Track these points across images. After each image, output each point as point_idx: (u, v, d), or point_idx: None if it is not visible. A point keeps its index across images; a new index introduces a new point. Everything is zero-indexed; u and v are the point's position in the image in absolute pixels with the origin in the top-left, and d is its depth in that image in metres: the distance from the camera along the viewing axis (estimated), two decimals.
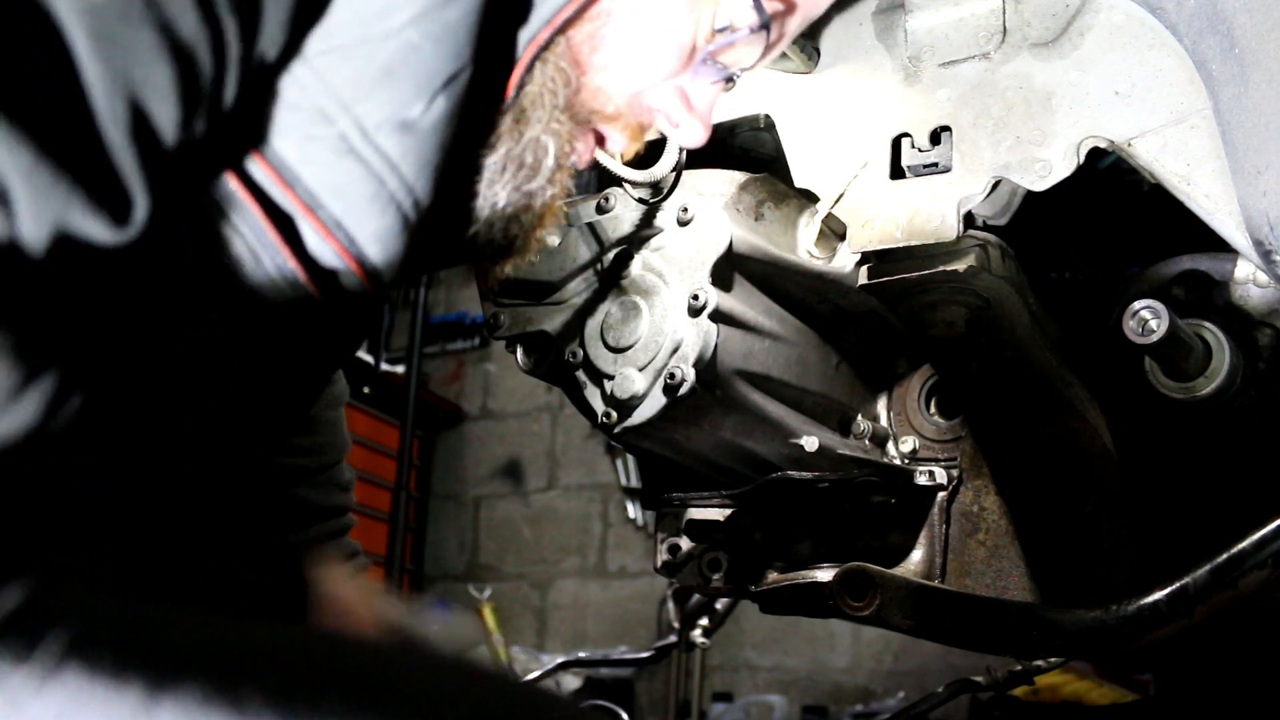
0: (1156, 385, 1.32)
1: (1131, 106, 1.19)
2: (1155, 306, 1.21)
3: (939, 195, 1.26)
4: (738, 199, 1.41)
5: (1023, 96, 1.24)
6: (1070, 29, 1.23)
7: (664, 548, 1.56)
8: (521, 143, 0.91)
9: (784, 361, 1.44)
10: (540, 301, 1.44)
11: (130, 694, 0.55)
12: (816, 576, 1.45)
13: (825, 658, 4.43)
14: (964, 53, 1.28)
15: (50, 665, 0.55)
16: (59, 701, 0.54)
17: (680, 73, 0.99)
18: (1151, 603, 1.22)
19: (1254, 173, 1.09)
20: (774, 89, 1.39)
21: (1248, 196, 1.10)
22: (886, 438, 1.54)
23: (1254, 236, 1.11)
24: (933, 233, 1.25)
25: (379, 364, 4.87)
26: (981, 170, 1.25)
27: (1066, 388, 1.41)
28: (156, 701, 0.55)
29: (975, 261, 1.27)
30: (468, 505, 5.26)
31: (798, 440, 1.41)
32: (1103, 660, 2.31)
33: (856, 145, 1.33)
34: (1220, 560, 1.19)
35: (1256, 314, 1.34)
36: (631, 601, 4.80)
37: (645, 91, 0.98)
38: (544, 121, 0.92)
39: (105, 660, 0.55)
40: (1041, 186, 1.22)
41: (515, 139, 0.91)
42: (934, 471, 1.47)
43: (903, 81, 1.32)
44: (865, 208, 1.30)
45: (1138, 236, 1.52)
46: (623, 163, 1.12)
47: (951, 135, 1.27)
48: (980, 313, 1.34)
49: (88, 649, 0.55)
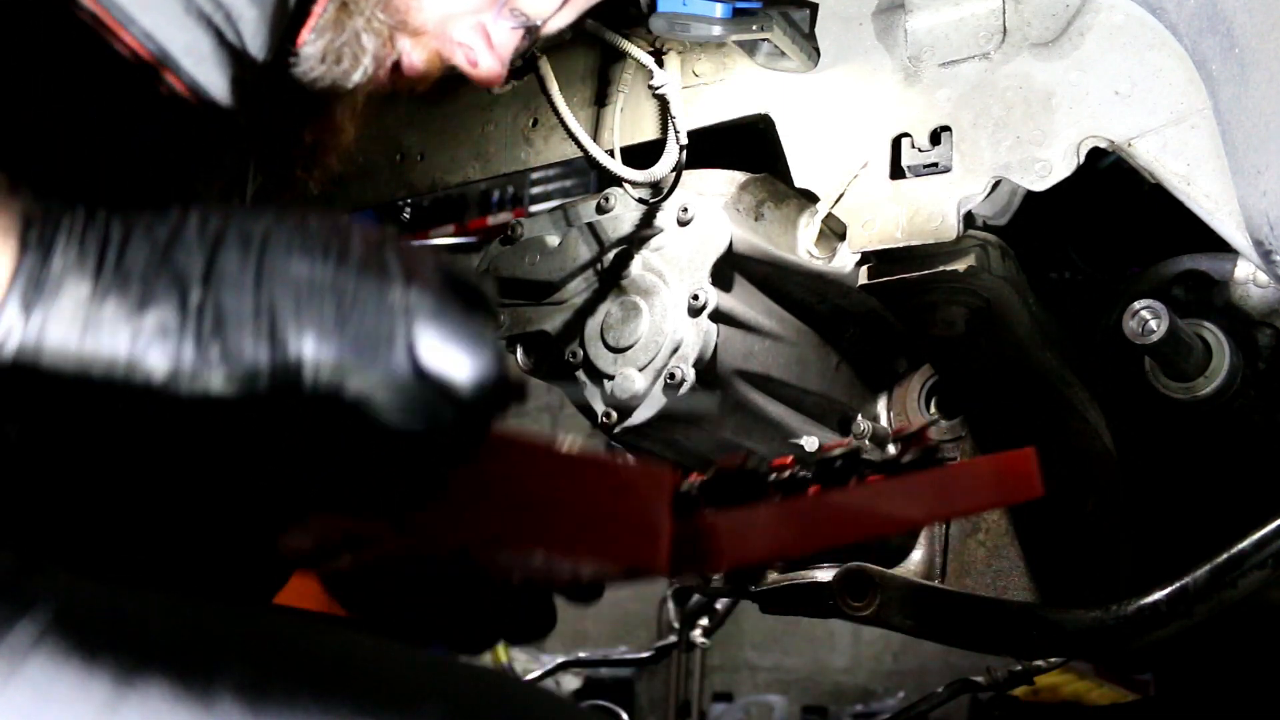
0: (1156, 385, 1.32)
1: (1131, 106, 1.19)
2: (1155, 306, 1.21)
3: (939, 195, 1.26)
4: (738, 199, 1.41)
5: (1023, 96, 1.24)
6: (1070, 29, 1.23)
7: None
8: (344, 34, 0.93)
9: (784, 361, 1.44)
10: (540, 301, 1.44)
11: (96, 691, 0.54)
12: (816, 576, 1.45)
13: (825, 658, 4.43)
14: (964, 53, 1.28)
15: (16, 660, 0.54)
16: (22, 699, 0.54)
17: (486, 10, 1.02)
18: (1151, 603, 1.22)
19: (1254, 172, 1.09)
20: (774, 89, 1.39)
21: (1248, 196, 1.10)
22: (887, 438, 1.54)
23: (1254, 236, 1.11)
24: (933, 233, 1.25)
25: None
26: (981, 170, 1.25)
27: (1066, 388, 1.41)
28: (123, 698, 0.54)
29: (975, 261, 1.27)
30: None
31: (798, 440, 1.41)
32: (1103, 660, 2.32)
33: (856, 145, 1.33)
34: (1220, 560, 1.19)
35: (1256, 314, 1.34)
36: (631, 601, 4.80)
37: (452, 20, 1.01)
38: (365, 16, 0.93)
39: (73, 654, 0.55)
40: (1041, 186, 1.22)
41: (338, 30, 0.93)
42: None
43: (903, 81, 1.31)
44: (865, 208, 1.30)
45: (1138, 236, 1.52)
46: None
47: (951, 135, 1.27)
48: (980, 313, 1.33)
49: (55, 641, 0.55)
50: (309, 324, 0.57)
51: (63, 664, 0.54)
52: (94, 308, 0.55)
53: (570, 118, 1.38)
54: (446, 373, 0.59)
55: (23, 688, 0.54)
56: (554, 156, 1.55)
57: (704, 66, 1.44)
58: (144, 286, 0.56)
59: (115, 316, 0.55)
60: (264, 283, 0.57)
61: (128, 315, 0.55)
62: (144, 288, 0.56)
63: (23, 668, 0.54)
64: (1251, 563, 1.18)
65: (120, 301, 0.56)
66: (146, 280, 0.56)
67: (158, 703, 0.54)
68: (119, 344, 0.55)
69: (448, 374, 0.59)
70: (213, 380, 0.56)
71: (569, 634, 4.92)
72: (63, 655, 0.55)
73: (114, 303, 0.56)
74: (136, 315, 0.56)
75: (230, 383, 0.56)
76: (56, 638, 0.55)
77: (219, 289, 0.57)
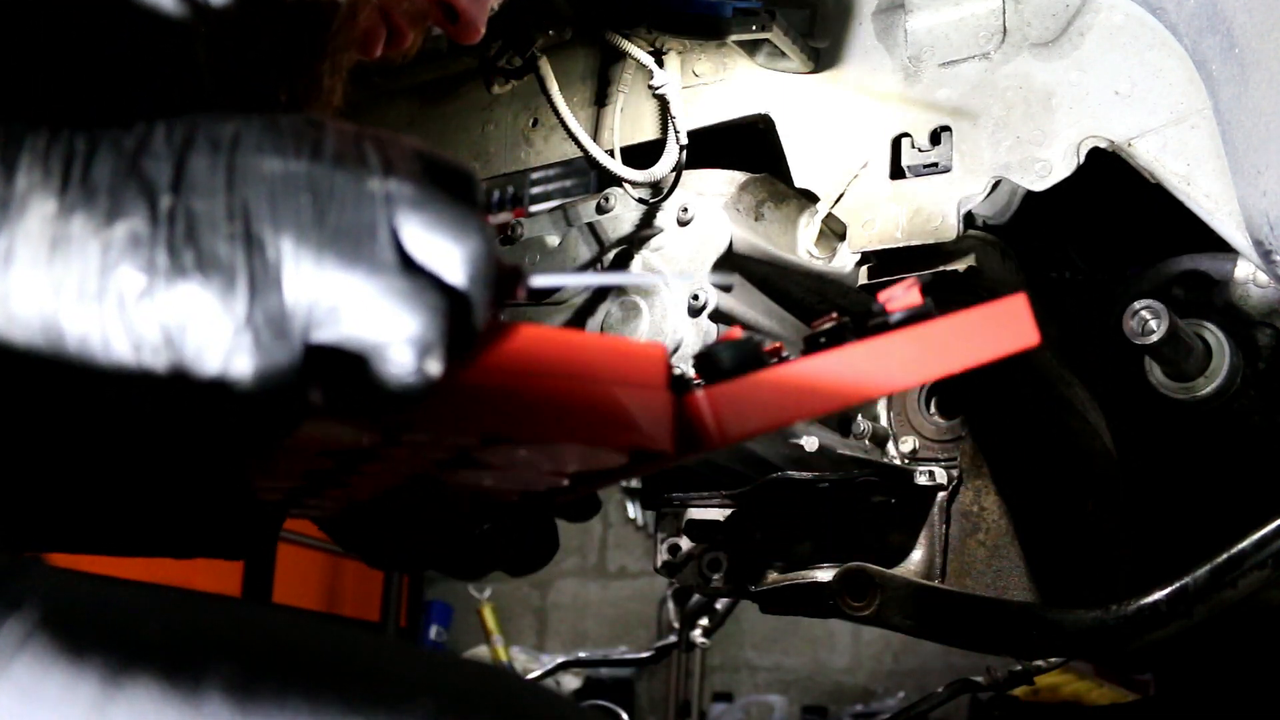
0: (1156, 385, 1.32)
1: (1131, 106, 1.19)
2: (1155, 306, 1.21)
3: (939, 195, 1.26)
4: (738, 199, 1.41)
5: (1023, 96, 1.24)
6: (1070, 29, 1.23)
7: (664, 548, 1.56)
8: None
9: None
10: (540, 302, 1.44)
11: (84, 692, 0.54)
12: (816, 576, 1.45)
13: (825, 658, 4.43)
14: (964, 53, 1.28)
15: (2, 661, 0.54)
16: (9, 700, 0.53)
17: None
18: (1151, 603, 1.22)
19: (1254, 172, 1.09)
20: (773, 89, 1.39)
21: (1247, 196, 1.10)
22: (886, 438, 1.54)
23: (1254, 236, 1.11)
24: (933, 233, 1.25)
25: None
26: (981, 170, 1.25)
27: (1066, 388, 1.41)
28: (111, 699, 0.54)
29: (975, 261, 1.27)
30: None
31: (798, 440, 1.41)
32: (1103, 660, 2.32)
33: (856, 145, 1.33)
34: (1220, 560, 1.19)
35: (1256, 314, 1.34)
36: (631, 601, 4.80)
37: None
38: None
39: (61, 654, 0.54)
40: (1041, 186, 1.22)
41: None
42: (934, 471, 1.47)
43: (903, 81, 1.32)
44: (865, 208, 1.31)
45: (1138, 236, 1.52)
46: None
47: (951, 135, 1.27)
48: None
49: (42, 641, 0.54)
50: (286, 221, 0.54)
51: (50, 665, 0.54)
52: (61, 224, 0.53)
53: (570, 118, 1.38)
54: (434, 261, 0.56)
55: (9, 689, 0.53)
56: (554, 156, 1.55)
57: (704, 66, 1.44)
58: (111, 198, 0.54)
59: (84, 231, 0.53)
60: (235, 183, 0.55)
61: (96, 228, 0.53)
62: (111, 199, 0.54)
63: (9, 668, 0.53)
64: (1251, 563, 1.18)
65: (88, 215, 0.53)
66: (114, 192, 0.54)
67: (145, 703, 0.54)
68: (89, 258, 0.53)
69: (435, 263, 0.56)
70: (188, 289, 0.53)
71: (569, 634, 4.92)
72: (50, 656, 0.54)
73: (81, 217, 0.53)
74: (105, 228, 0.53)
75: (206, 289, 0.53)
76: (44, 638, 0.54)
77: (189, 193, 0.54)
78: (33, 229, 0.53)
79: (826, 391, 0.69)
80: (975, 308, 0.77)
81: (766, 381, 0.68)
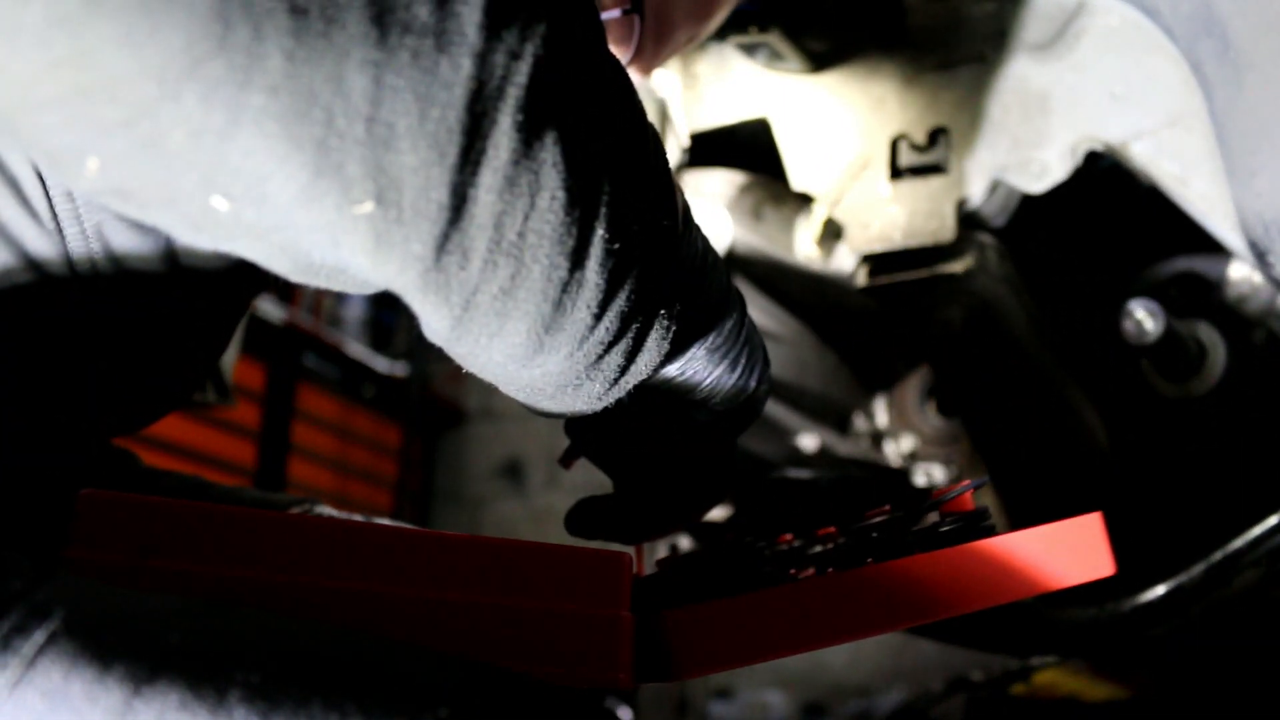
0: (1152, 385, 1.33)
1: (1127, 109, 1.20)
2: (1151, 307, 1.22)
3: (937, 196, 1.27)
4: (738, 199, 1.42)
5: (1019, 99, 1.25)
6: (1066, 32, 1.24)
7: (664, 546, 1.57)
8: None
9: (783, 361, 1.45)
10: None
11: (108, 698, 0.54)
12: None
13: (824, 655, 4.44)
14: (962, 55, 1.29)
15: (28, 665, 0.54)
16: (35, 703, 0.53)
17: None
18: (1148, 601, 1.23)
19: (1248, 174, 1.10)
20: (771, 91, 1.40)
21: (1242, 198, 1.11)
22: (885, 437, 1.55)
23: (1249, 237, 1.12)
24: (931, 234, 1.26)
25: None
26: (979, 171, 1.26)
27: (1063, 387, 1.42)
28: (134, 709, 0.54)
29: (973, 262, 1.28)
30: (469, 505, 5.27)
31: (797, 440, 1.42)
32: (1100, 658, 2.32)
33: (855, 146, 1.34)
34: (1215, 559, 1.20)
35: (1251, 314, 1.35)
36: None
37: None
38: None
39: (86, 661, 0.55)
40: (1038, 188, 1.23)
41: None
42: (933, 471, 1.48)
43: (900, 83, 1.32)
44: (864, 209, 1.31)
45: (1135, 237, 1.53)
46: None
47: (949, 137, 1.28)
48: (978, 313, 1.34)
49: (68, 647, 0.55)
50: None
51: (76, 671, 0.54)
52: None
53: None
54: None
55: (35, 694, 0.54)
56: None
57: (704, 67, 1.45)
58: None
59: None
60: None
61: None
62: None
63: (35, 674, 0.54)
64: (1246, 561, 1.19)
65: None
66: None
67: (170, 710, 0.54)
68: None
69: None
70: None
71: None
72: (76, 662, 0.55)
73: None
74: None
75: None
76: (69, 644, 0.55)
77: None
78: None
79: (840, 622, 0.58)
80: (1043, 528, 0.65)
81: (758, 606, 0.57)
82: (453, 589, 0.56)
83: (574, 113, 0.53)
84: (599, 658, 0.57)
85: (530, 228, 0.52)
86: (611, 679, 0.57)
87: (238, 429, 3.86)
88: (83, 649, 0.55)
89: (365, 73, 0.46)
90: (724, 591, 0.59)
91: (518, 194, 0.51)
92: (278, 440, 4.06)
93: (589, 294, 0.56)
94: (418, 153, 0.48)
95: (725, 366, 0.68)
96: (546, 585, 0.56)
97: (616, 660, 0.57)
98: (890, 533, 0.63)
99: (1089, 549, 0.65)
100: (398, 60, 0.46)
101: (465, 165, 0.49)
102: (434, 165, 0.48)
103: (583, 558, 0.57)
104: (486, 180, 0.50)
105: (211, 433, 3.72)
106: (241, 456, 3.92)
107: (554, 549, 0.58)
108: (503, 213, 0.51)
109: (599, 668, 0.57)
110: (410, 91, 0.47)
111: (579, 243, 0.54)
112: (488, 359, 0.58)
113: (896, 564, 0.59)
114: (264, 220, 0.49)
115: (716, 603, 0.58)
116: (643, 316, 0.59)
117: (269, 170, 0.46)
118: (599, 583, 0.57)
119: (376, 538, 0.58)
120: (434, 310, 0.54)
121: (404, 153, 0.47)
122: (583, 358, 0.59)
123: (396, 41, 0.46)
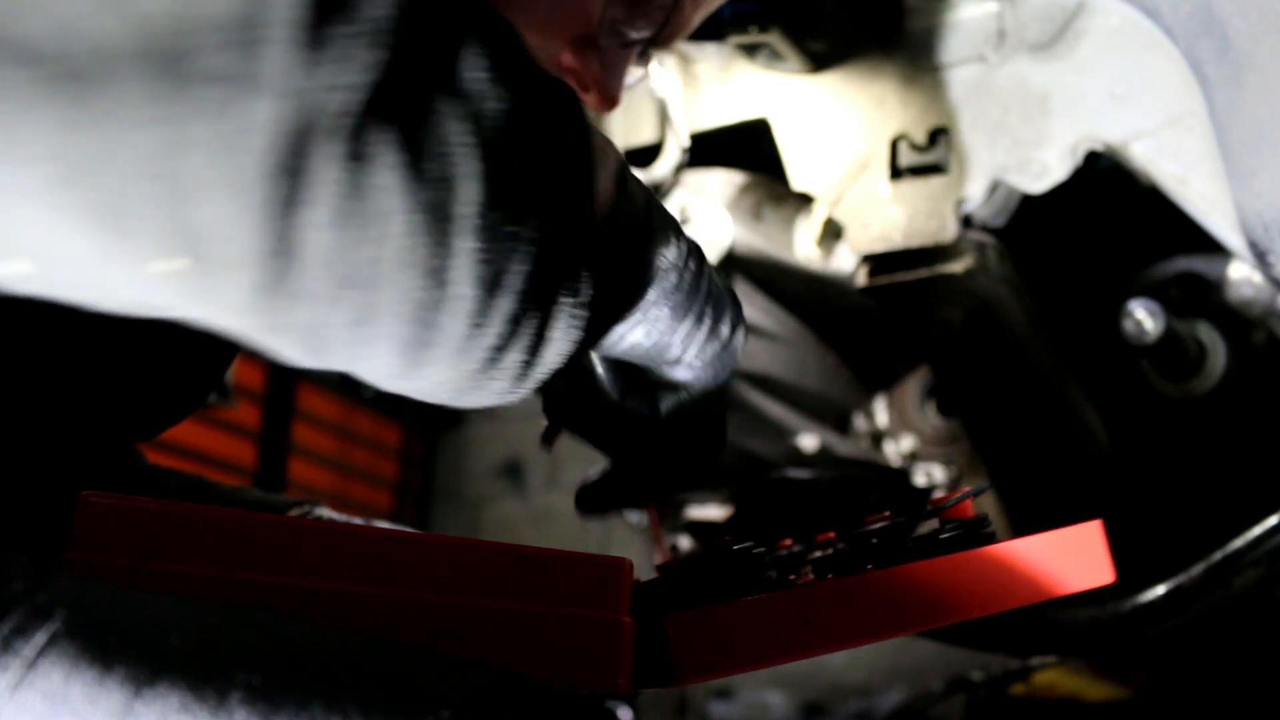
0: (1153, 385, 1.33)
1: (1127, 109, 1.20)
2: (1151, 307, 1.22)
3: (937, 196, 1.27)
4: (737, 199, 1.42)
5: (1020, 99, 1.25)
6: (1067, 32, 1.24)
7: (664, 549, 1.57)
8: None
9: (783, 361, 1.45)
10: None
11: (109, 700, 0.54)
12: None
13: (824, 656, 4.44)
14: (961, 55, 1.29)
15: (29, 667, 0.54)
16: (35, 704, 0.54)
17: (578, 31, 0.87)
18: (1147, 601, 1.23)
19: (1248, 174, 1.10)
20: (771, 91, 1.40)
21: (1242, 198, 1.11)
22: (885, 437, 1.55)
23: (1249, 237, 1.12)
24: (931, 234, 1.26)
25: None
26: (979, 172, 1.26)
27: (1064, 388, 1.42)
28: (135, 711, 0.55)
29: (973, 262, 1.28)
30: (469, 505, 5.27)
31: (797, 440, 1.42)
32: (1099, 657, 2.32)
33: (854, 147, 1.34)
34: (1215, 558, 1.20)
35: (1251, 314, 1.35)
36: None
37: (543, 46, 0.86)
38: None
39: (87, 662, 0.55)
40: (1038, 188, 1.23)
41: None
42: (933, 471, 1.48)
43: (900, 83, 1.32)
44: (864, 209, 1.31)
45: (1135, 237, 1.53)
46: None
47: (949, 137, 1.28)
48: (978, 313, 1.34)
49: (69, 648, 0.55)
50: None
51: (77, 673, 0.55)
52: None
53: None
54: None
55: (36, 696, 0.54)
56: None
57: (704, 68, 1.45)
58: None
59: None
60: None
61: None
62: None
63: (36, 675, 0.54)
64: (1246, 561, 1.19)
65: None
66: None
67: (171, 711, 0.54)
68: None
69: None
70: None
71: None
72: (77, 664, 0.55)
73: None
74: None
75: None
76: (71, 645, 0.55)
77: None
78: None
79: (841, 628, 0.58)
80: (1044, 535, 0.65)
81: (758, 610, 0.57)
82: (454, 593, 0.56)
83: (417, 129, 0.50)
84: (599, 662, 0.57)
85: (380, 255, 0.50)
86: (611, 684, 0.57)
87: (238, 429, 3.86)
88: (84, 651, 0.55)
89: (155, 130, 0.44)
90: (724, 597, 0.59)
91: (353, 226, 0.49)
92: (278, 440, 4.06)
93: (460, 307, 0.53)
94: (228, 203, 0.46)
95: (691, 321, 0.67)
96: (547, 589, 0.56)
97: (617, 665, 0.57)
98: (890, 539, 0.62)
99: (1089, 556, 0.65)
100: (198, 111, 0.45)
101: (286, 208, 0.47)
102: (247, 213, 0.47)
103: (583, 562, 0.57)
104: (314, 219, 0.48)
105: (212, 433, 3.72)
106: (242, 457, 3.92)
107: (555, 554, 0.58)
108: (338, 248, 0.49)
109: (599, 672, 0.57)
110: (215, 143, 0.45)
111: (439, 261, 0.51)
112: (364, 374, 0.57)
113: (897, 570, 0.59)
114: (80, 278, 0.48)
115: (717, 608, 0.58)
116: (539, 312, 0.57)
117: (60, 236, 0.46)
118: (600, 587, 0.57)
119: (377, 541, 0.58)
120: (285, 349, 0.53)
121: (210, 205, 0.46)
122: (471, 364, 0.56)
123: (195, 93, 0.44)
